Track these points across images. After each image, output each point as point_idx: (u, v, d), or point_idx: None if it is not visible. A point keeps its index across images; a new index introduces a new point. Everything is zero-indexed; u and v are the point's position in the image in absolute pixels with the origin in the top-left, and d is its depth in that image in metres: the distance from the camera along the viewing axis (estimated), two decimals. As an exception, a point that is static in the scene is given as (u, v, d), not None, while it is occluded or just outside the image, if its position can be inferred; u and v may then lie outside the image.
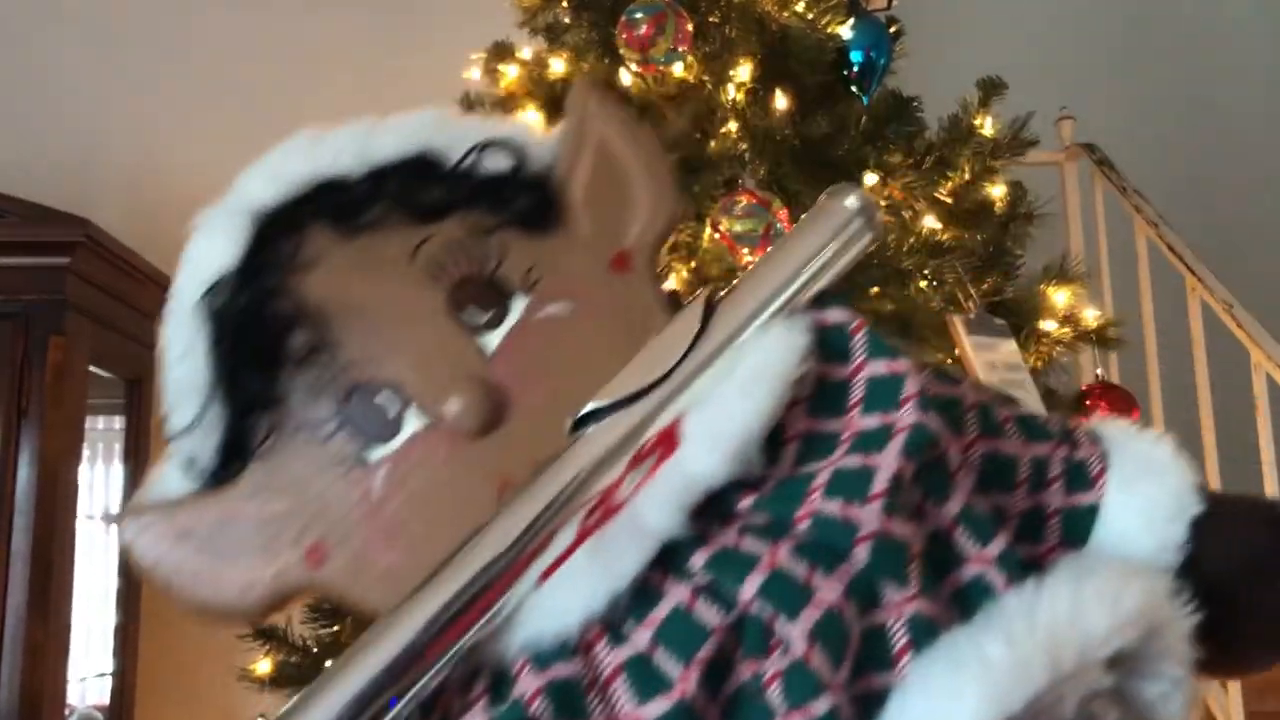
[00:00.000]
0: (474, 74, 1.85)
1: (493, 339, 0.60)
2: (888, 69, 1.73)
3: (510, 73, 1.77)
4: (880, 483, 0.52)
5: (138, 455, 2.50)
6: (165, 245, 2.68)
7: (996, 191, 1.79)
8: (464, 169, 0.63)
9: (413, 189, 0.62)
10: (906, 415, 0.55)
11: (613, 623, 0.52)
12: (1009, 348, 1.66)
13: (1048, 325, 1.78)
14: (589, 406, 0.57)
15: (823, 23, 1.65)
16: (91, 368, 2.27)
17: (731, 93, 1.61)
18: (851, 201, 0.61)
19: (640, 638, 0.52)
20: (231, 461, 0.60)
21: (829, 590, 0.50)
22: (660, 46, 1.56)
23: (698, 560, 0.53)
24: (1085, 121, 2.91)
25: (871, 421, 0.55)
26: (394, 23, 2.87)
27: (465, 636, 0.53)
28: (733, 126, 1.60)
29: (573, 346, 0.60)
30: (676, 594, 0.52)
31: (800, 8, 1.67)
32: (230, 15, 2.89)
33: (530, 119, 1.70)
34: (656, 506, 0.53)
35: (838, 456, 0.55)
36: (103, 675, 2.39)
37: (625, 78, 1.63)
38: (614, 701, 0.51)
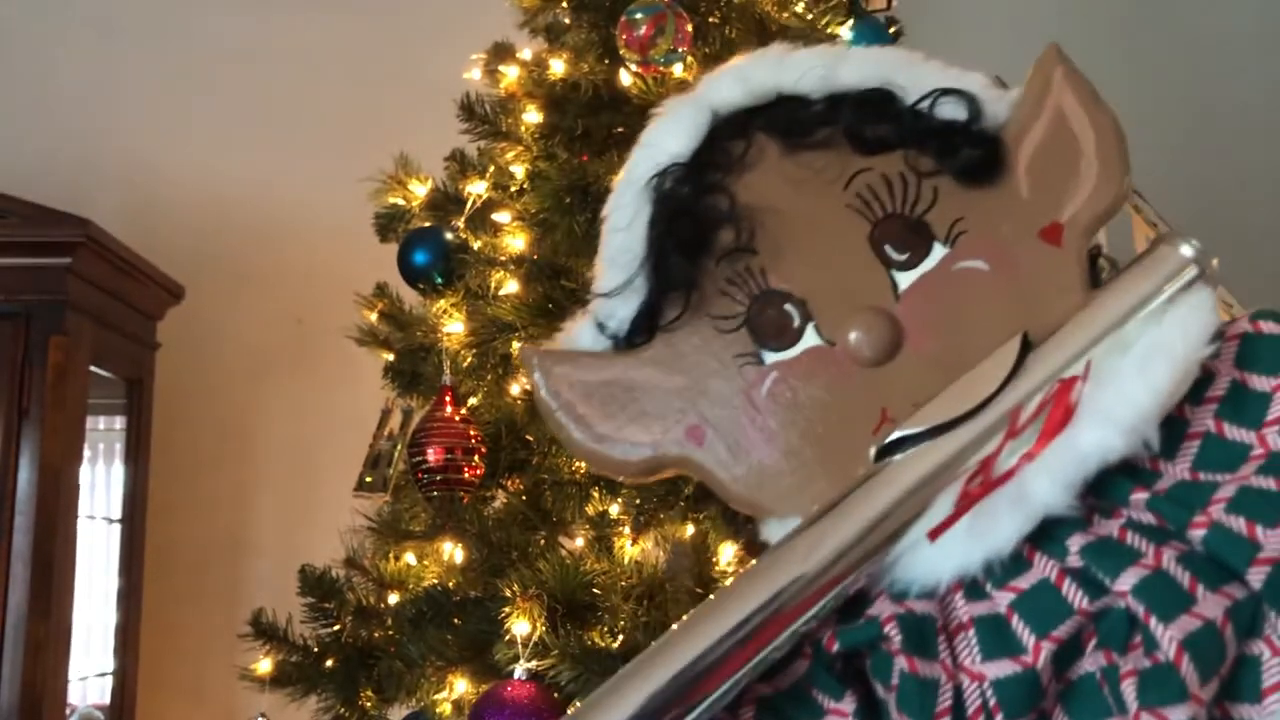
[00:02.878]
0: (474, 74, 1.85)
1: (905, 278, 0.62)
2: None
3: (510, 73, 1.77)
4: None
5: (138, 455, 2.50)
6: (165, 245, 2.68)
7: (996, 192, 1.79)
8: (919, 110, 0.64)
9: (865, 120, 0.64)
10: None
11: (975, 579, 0.55)
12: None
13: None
14: (897, 433, 0.59)
15: (823, 23, 1.65)
16: (92, 368, 2.28)
17: (731, 93, 1.61)
18: (1186, 250, 0.61)
19: (1000, 599, 0.54)
20: (640, 331, 0.65)
21: (1211, 605, 0.50)
22: (660, 47, 1.56)
23: (1075, 543, 0.54)
24: (1085, 121, 2.91)
25: None
26: (394, 23, 2.87)
27: (846, 580, 0.56)
28: (733, 127, 1.60)
29: (981, 305, 0.61)
30: (1045, 568, 0.54)
31: (800, 8, 1.67)
32: (230, 16, 2.89)
33: (531, 118, 1.70)
34: (1046, 481, 0.54)
35: (1247, 472, 0.54)
36: (103, 674, 2.39)
37: (625, 78, 1.63)
38: (960, 649, 0.54)
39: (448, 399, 1.57)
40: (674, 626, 0.57)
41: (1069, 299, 0.60)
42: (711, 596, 0.58)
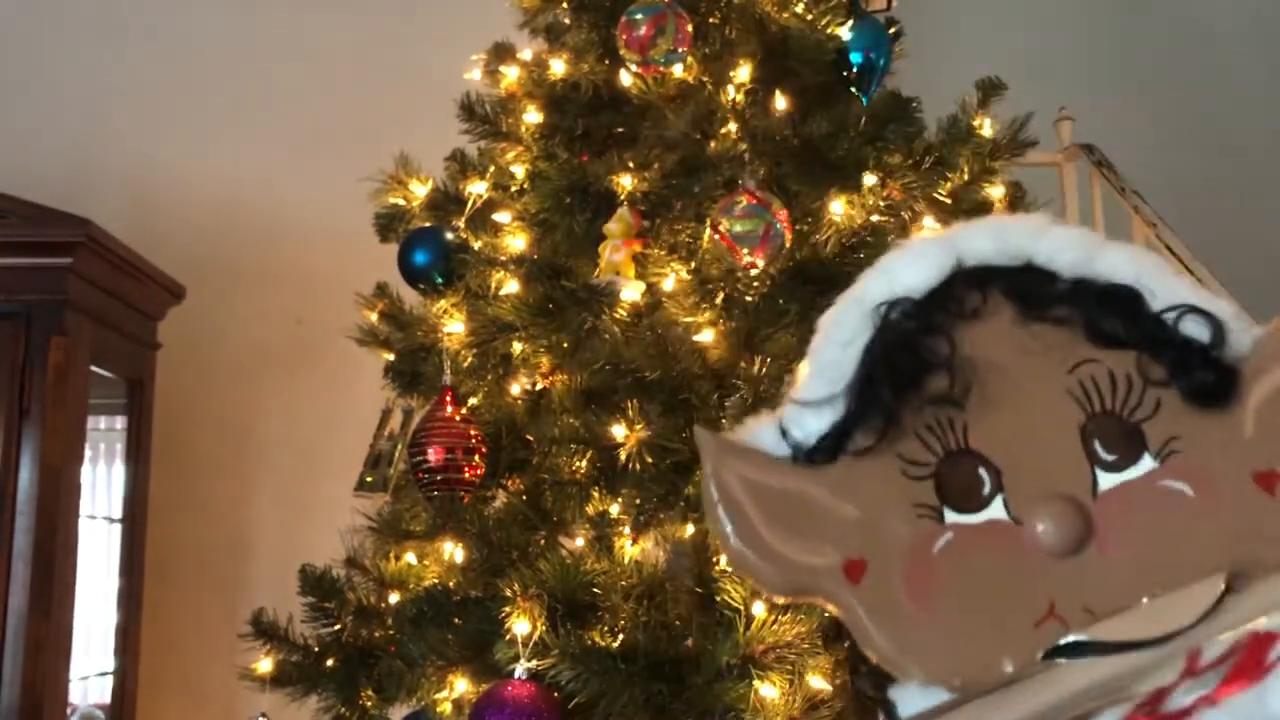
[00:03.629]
0: (474, 74, 1.85)
1: (1106, 480, 0.62)
2: (887, 70, 1.73)
3: (510, 73, 1.77)
4: None
5: (139, 455, 2.50)
6: (166, 245, 2.68)
7: (996, 192, 1.79)
8: (1164, 319, 0.64)
9: (1107, 312, 0.64)
10: None
11: None
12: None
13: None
14: (1072, 636, 0.57)
15: (822, 23, 1.65)
16: (93, 368, 2.28)
17: (731, 93, 1.62)
18: None
19: None
20: (825, 450, 0.64)
21: None
22: (660, 47, 1.56)
23: None
24: (1084, 122, 2.92)
25: None
26: (394, 23, 2.87)
27: None
28: (733, 127, 1.60)
29: (1178, 529, 0.60)
30: None
31: (800, 9, 1.67)
32: (231, 17, 2.89)
33: (531, 118, 1.70)
34: None
35: None
36: (104, 674, 2.39)
37: (625, 78, 1.64)
38: None
39: (448, 399, 1.57)
40: None
41: (1271, 551, 0.59)
42: None
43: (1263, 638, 0.55)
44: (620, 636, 1.36)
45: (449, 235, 1.77)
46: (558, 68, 1.72)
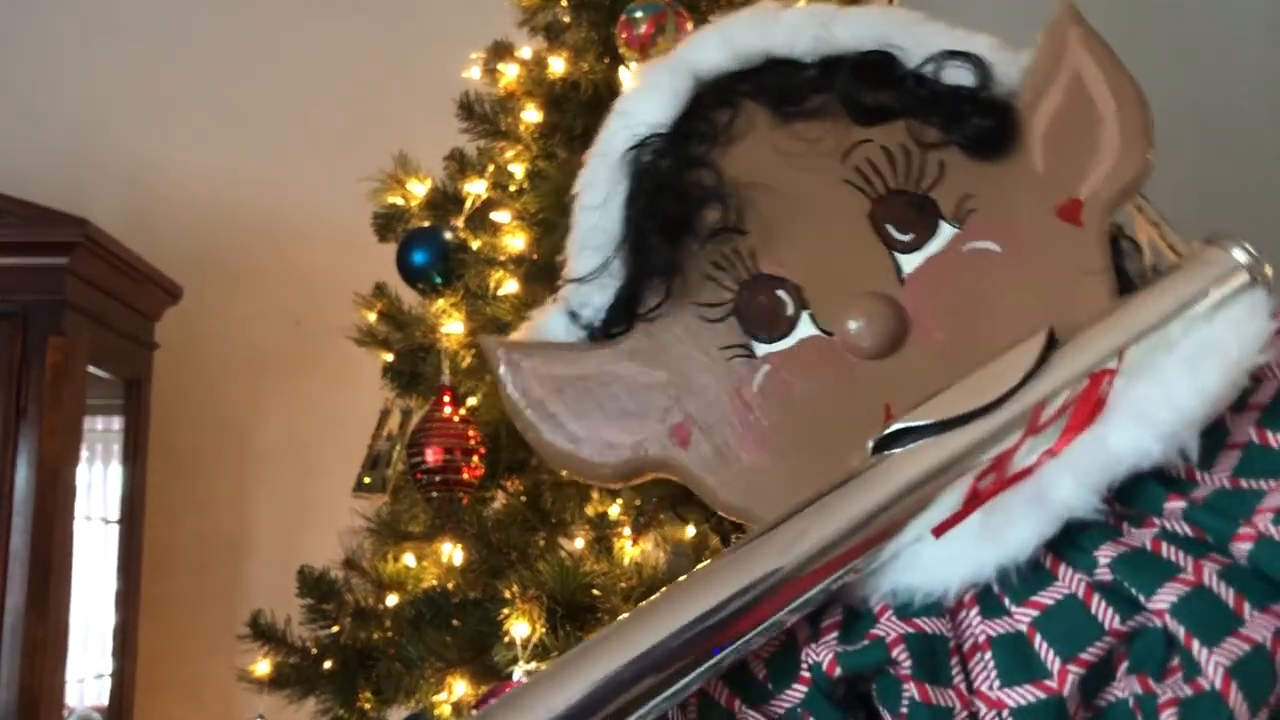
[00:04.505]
0: (473, 73, 1.84)
1: (909, 261, 0.57)
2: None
3: (510, 72, 1.76)
4: None
5: (136, 456, 2.50)
6: (164, 245, 2.67)
7: (997, 191, 1.79)
8: (922, 74, 0.59)
9: (863, 85, 0.58)
10: None
11: (989, 592, 0.49)
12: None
13: (1049, 325, 1.77)
14: (899, 424, 0.52)
15: (823, 22, 1.65)
16: (90, 368, 2.27)
17: (732, 92, 1.61)
18: (1238, 254, 0.56)
19: (1021, 616, 0.48)
20: (618, 321, 0.59)
21: (1261, 626, 0.45)
22: (660, 46, 1.55)
23: (1104, 554, 0.48)
24: (1085, 121, 2.91)
25: None
26: (393, 22, 2.87)
27: (830, 578, 0.50)
28: (733, 126, 1.60)
29: (994, 290, 0.56)
30: (1071, 581, 0.49)
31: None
32: (229, 16, 2.88)
33: (530, 117, 1.69)
34: (1069, 481, 0.49)
35: None
36: (101, 676, 2.38)
37: (625, 77, 1.63)
38: (976, 672, 0.48)
39: (447, 399, 1.57)
40: (629, 612, 0.51)
41: (1091, 284, 0.55)
42: (679, 579, 0.52)
43: (1096, 377, 0.51)
44: (620, 638, 1.36)
45: (448, 235, 1.76)
46: (557, 66, 1.71)
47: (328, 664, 1.64)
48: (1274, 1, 3.62)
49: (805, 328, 0.57)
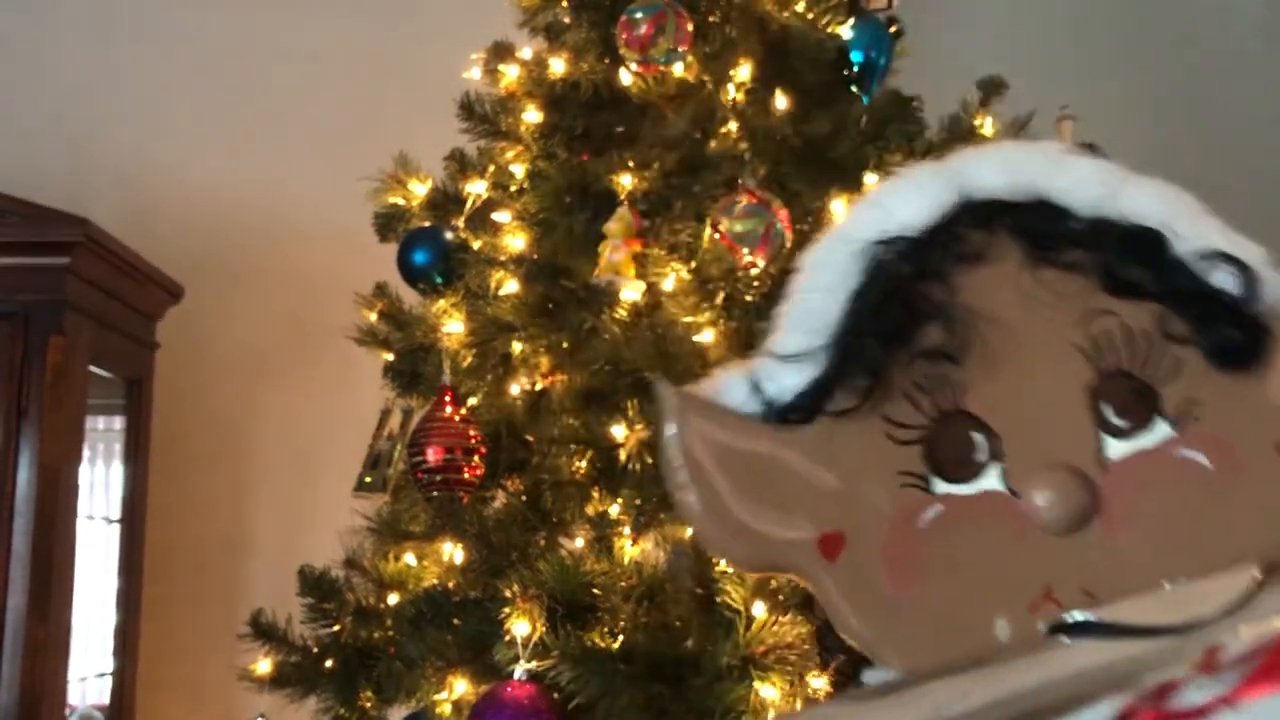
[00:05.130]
0: (474, 73, 1.85)
1: (1116, 448, 0.54)
2: (888, 68, 1.73)
3: (510, 72, 1.76)
4: None
5: (138, 455, 2.50)
6: (164, 245, 2.67)
7: (997, 191, 1.79)
8: (1189, 267, 0.56)
9: (1127, 257, 0.56)
10: None
11: None
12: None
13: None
14: (1080, 614, 0.50)
15: (823, 22, 1.65)
16: (91, 368, 2.27)
17: (732, 92, 1.61)
18: None
19: None
20: (801, 408, 0.57)
21: None
22: (660, 46, 1.55)
23: None
24: (1086, 121, 2.91)
25: None
26: (394, 22, 2.87)
27: None
28: (733, 126, 1.60)
29: (1198, 508, 0.53)
30: None
31: (800, 7, 1.67)
32: (230, 16, 2.88)
33: (531, 118, 1.69)
34: None
35: None
36: (103, 675, 2.39)
37: (625, 78, 1.63)
38: None
39: (447, 399, 1.57)
40: None
41: None
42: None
43: None
44: (620, 637, 1.36)
45: (448, 235, 1.76)
46: (557, 67, 1.72)
47: (328, 663, 1.64)
48: (1274, 1, 3.62)
49: (991, 480, 0.54)
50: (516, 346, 1.63)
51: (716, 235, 1.48)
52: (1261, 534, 0.52)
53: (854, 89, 1.68)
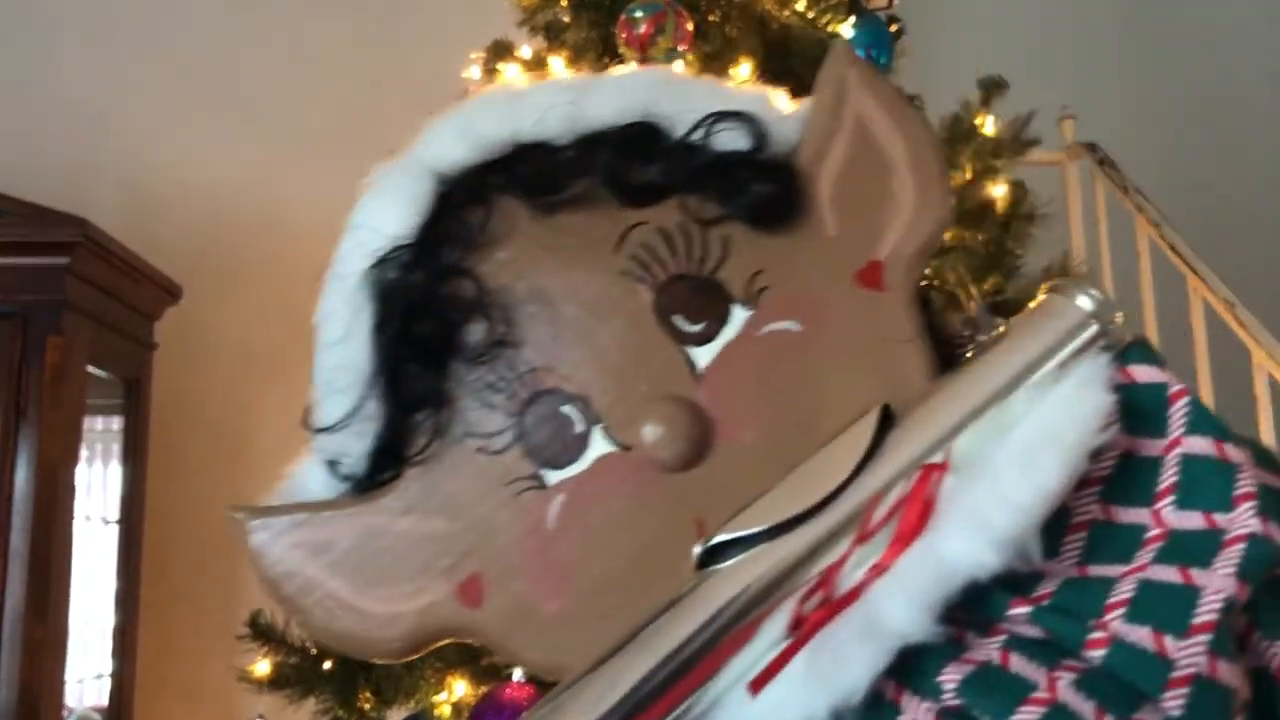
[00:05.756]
0: (473, 72, 1.84)
1: (703, 354, 0.50)
2: (889, 68, 1.73)
3: (510, 72, 1.76)
4: (1206, 610, 0.41)
5: (136, 456, 2.49)
6: (164, 245, 2.66)
7: (998, 191, 1.79)
8: (691, 143, 0.52)
9: (627, 163, 0.51)
10: (1242, 520, 0.43)
11: None
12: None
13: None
14: (721, 536, 0.47)
15: (823, 21, 1.65)
16: (90, 368, 2.27)
17: (732, 92, 1.61)
18: (1083, 301, 0.49)
19: None
20: (385, 466, 0.51)
21: None
22: (660, 45, 1.55)
23: (950, 677, 0.43)
24: (1087, 121, 2.91)
25: (1191, 521, 0.44)
26: (393, 22, 2.86)
27: None
28: (733, 126, 1.60)
29: (800, 375, 0.49)
30: (917, 712, 0.43)
31: (801, 6, 1.66)
32: (230, 16, 2.88)
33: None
34: (900, 602, 0.42)
35: (1143, 562, 0.44)
36: (101, 676, 2.38)
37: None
38: None
39: (447, 399, 1.56)
40: None
41: (903, 354, 0.49)
42: None
43: (923, 474, 0.44)
44: (620, 639, 1.35)
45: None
46: (557, 66, 1.71)
47: (327, 664, 1.63)
48: (1274, 5, 3.61)
49: (599, 445, 0.49)
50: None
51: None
52: (865, 371, 0.49)
53: (855, 88, 1.68)
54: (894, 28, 1.79)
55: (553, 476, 0.49)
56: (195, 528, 2.70)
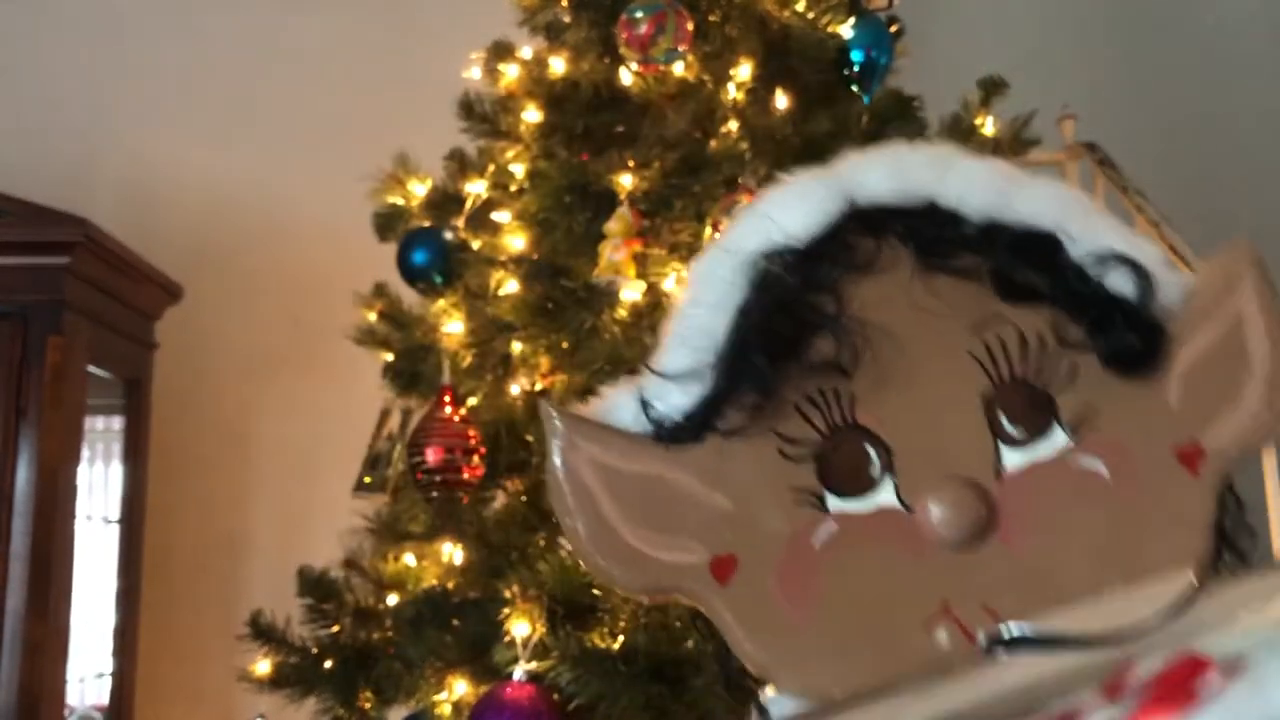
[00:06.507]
0: (474, 73, 1.84)
1: (1012, 457, 0.53)
2: (889, 68, 1.73)
3: (510, 72, 1.76)
4: None
5: (136, 456, 2.50)
6: (164, 245, 2.66)
7: (998, 191, 1.78)
8: (1084, 270, 0.54)
9: (1019, 261, 0.54)
10: None
11: None
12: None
13: (1049, 325, 1.77)
14: (1024, 629, 0.49)
15: (823, 22, 1.65)
16: (90, 368, 2.27)
17: (732, 92, 1.61)
18: None
19: None
20: (694, 427, 0.55)
21: None
22: (660, 46, 1.55)
23: None
24: (1087, 121, 2.91)
25: None
26: (393, 22, 2.86)
27: None
28: (733, 126, 1.60)
29: (1093, 517, 0.51)
30: None
31: (801, 6, 1.66)
32: (230, 16, 2.88)
33: (530, 117, 1.69)
34: None
35: None
36: (102, 675, 2.38)
37: (626, 77, 1.63)
38: None
39: (447, 399, 1.57)
40: None
41: (1187, 538, 0.51)
42: None
43: (1194, 662, 0.45)
44: (620, 638, 1.36)
45: (448, 235, 1.76)
46: (557, 66, 1.71)
47: (328, 664, 1.63)
48: (1275, 3, 3.61)
49: (885, 495, 0.53)
50: (516, 346, 1.63)
51: (717, 235, 1.47)
52: (1150, 539, 0.51)
53: (854, 89, 1.68)
54: (894, 28, 1.79)
55: (833, 503, 0.53)
56: (195, 528, 2.70)
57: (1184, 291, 0.56)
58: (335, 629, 1.66)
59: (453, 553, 1.59)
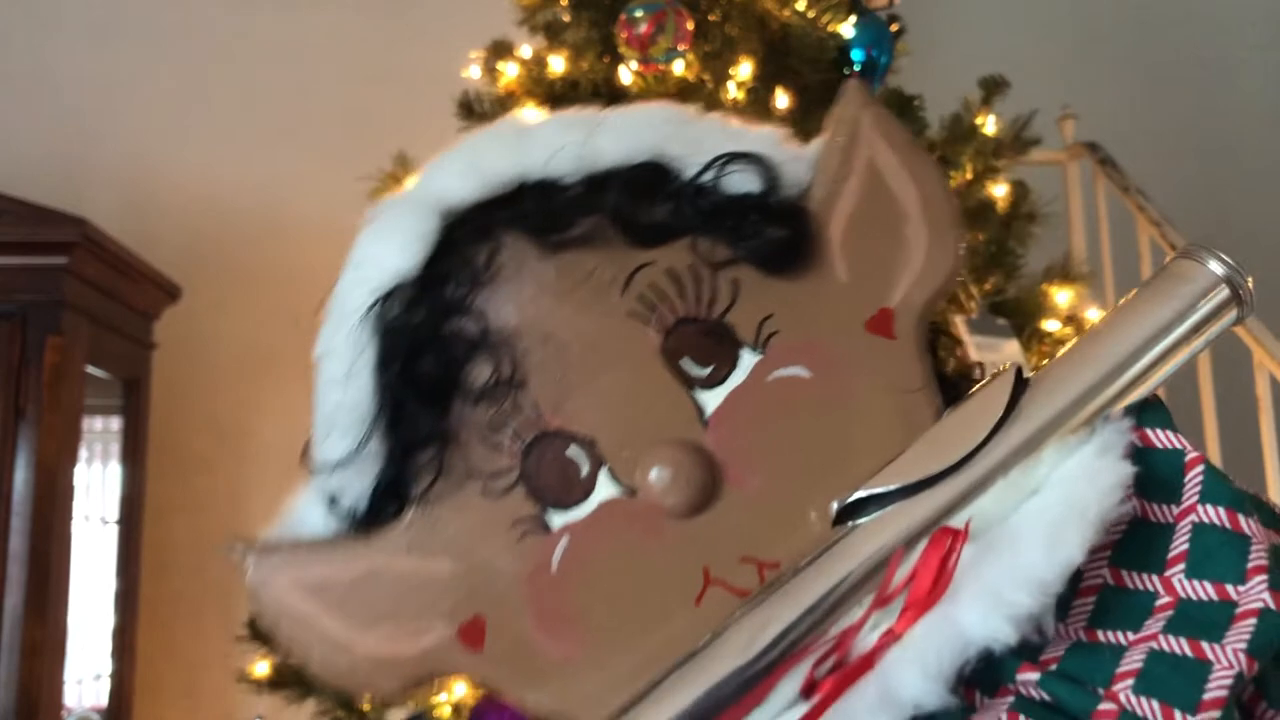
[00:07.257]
0: (473, 72, 1.84)
1: (711, 399, 0.49)
2: (889, 67, 1.73)
3: (509, 71, 1.76)
4: (1217, 686, 0.41)
5: (135, 456, 2.49)
6: (162, 245, 2.66)
7: (999, 191, 1.79)
8: (701, 185, 0.51)
9: (636, 203, 0.51)
10: (1254, 594, 0.43)
11: None
12: (1011, 348, 1.65)
13: (1050, 325, 1.77)
14: (860, 493, 0.46)
15: (824, 21, 1.64)
16: (89, 368, 2.26)
17: (732, 91, 1.61)
18: (1215, 266, 0.48)
19: None
20: (386, 504, 0.51)
21: None
22: (660, 45, 1.55)
23: None
24: (1088, 120, 2.90)
25: (1202, 591, 0.44)
26: (393, 21, 2.86)
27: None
28: (733, 125, 1.60)
29: (809, 421, 0.49)
30: None
31: (801, 6, 1.66)
32: (228, 14, 2.88)
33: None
34: (915, 672, 0.42)
35: (1153, 631, 0.43)
36: (100, 677, 2.38)
37: (625, 76, 1.62)
38: None
39: (446, 399, 1.56)
40: None
41: (918, 402, 0.49)
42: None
43: (939, 539, 0.44)
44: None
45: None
46: (557, 65, 1.71)
47: None
48: (1275, 3, 3.61)
49: (605, 489, 0.49)
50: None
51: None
52: (873, 420, 0.49)
53: (855, 88, 1.67)
54: (894, 28, 1.79)
55: (557, 519, 0.49)
56: (195, 528, 2.70)
57: (811, 163, 0.53)
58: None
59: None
